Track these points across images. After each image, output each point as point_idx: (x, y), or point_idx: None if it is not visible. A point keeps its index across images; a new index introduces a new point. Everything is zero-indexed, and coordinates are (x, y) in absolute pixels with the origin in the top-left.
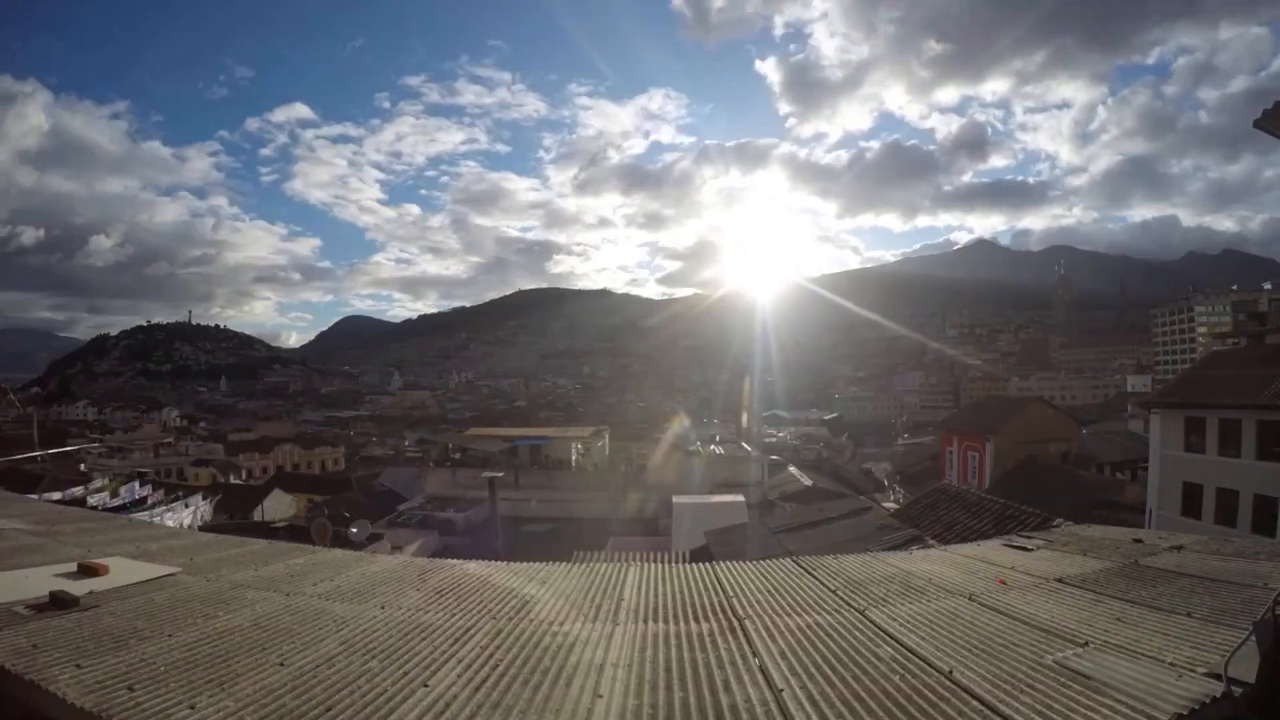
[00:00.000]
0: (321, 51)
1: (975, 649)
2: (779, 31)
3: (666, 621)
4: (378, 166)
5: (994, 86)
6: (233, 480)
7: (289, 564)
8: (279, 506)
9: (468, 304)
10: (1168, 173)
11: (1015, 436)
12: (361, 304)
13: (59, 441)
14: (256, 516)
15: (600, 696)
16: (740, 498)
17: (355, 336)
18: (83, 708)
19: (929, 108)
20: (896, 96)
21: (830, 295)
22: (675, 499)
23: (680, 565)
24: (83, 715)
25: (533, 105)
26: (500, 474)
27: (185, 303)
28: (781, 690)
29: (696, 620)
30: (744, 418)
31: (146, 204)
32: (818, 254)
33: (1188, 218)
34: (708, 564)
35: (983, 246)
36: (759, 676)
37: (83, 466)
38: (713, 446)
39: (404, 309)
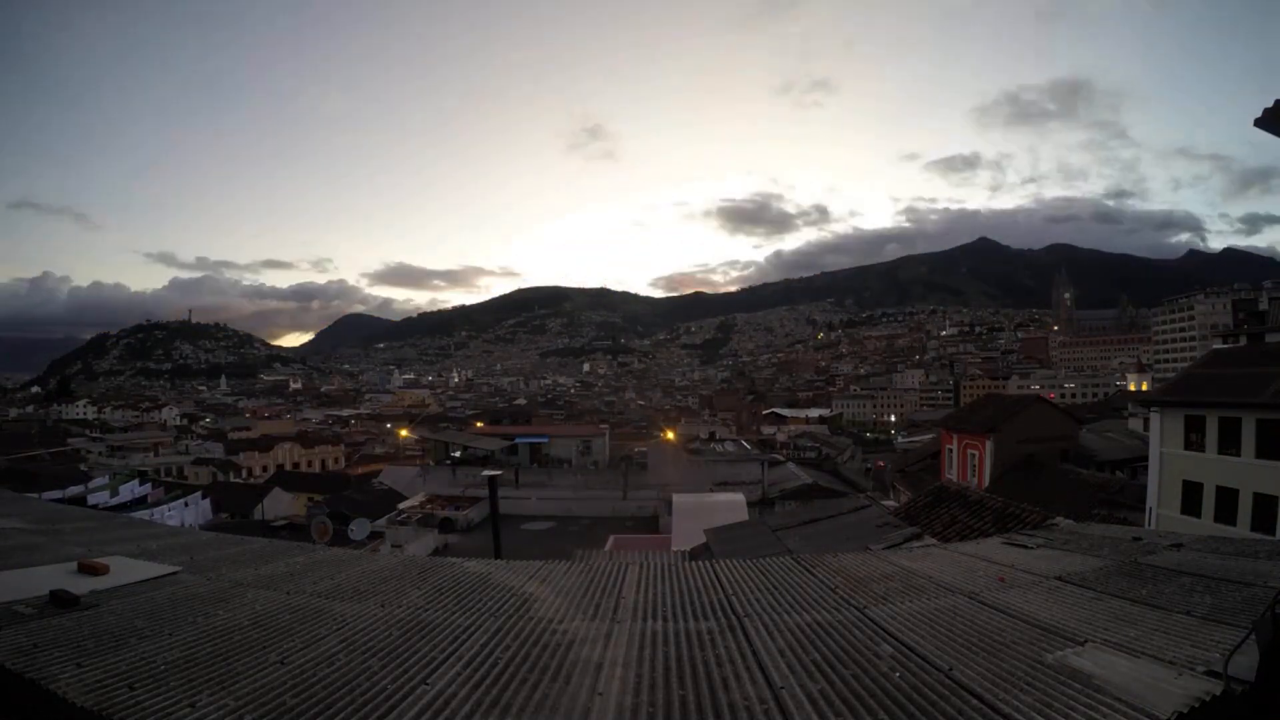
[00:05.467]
0: None
1: (975, 647)
2: None
3: (666, 619)
4: None
5: None
6: (233, 479)
7: (289, 562)
8: (279, 505)
9: (468, 302)
10: None
11: (1015, 435)
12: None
13: (59, 441)
14: (256, 515)
15: (600, 694)
16: (740, 496)
17: (355, 335)
18: (83, 707)
19: None
20: None
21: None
22: (675, 497)
23: (680, 563)
24: (83, 714)
25: None
26: (500, 472)
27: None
28: (781, 688)
29: (696, 618)
30: (745, 415)
31: None
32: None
33: None
34: (707, 562)
35: (983, 245)
36: (758, 674)
37: (83, 466)
38: (713, 445)
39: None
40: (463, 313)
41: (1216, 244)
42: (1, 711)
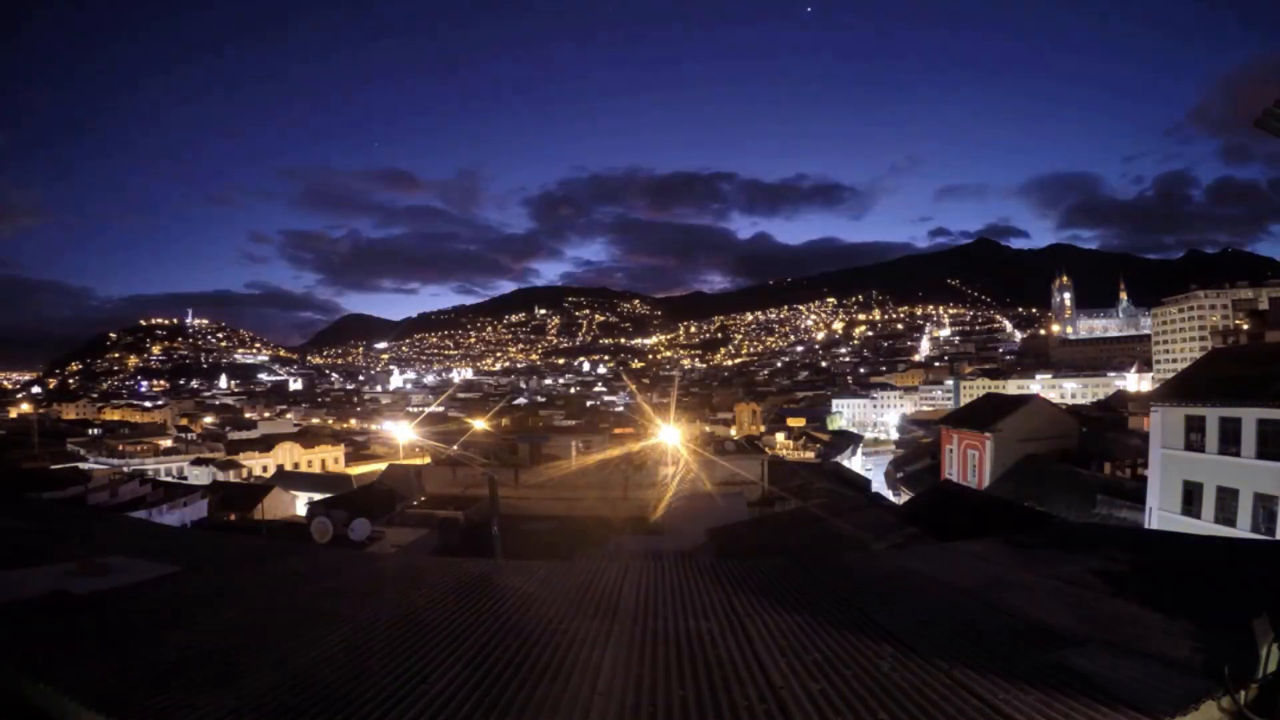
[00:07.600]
0: None
1: (975, 647)
2: None
3: (666, 619)
4: None
5: None
6: (233, 479)
7: (289, 563)
8: (279, 505)
9: (468, 301)
10: None
11: (1015, 434)
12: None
13: (58, 441)
14: (257, 515)
15: (599, 694)
16: (740, 496)
17: (356, 335)
18: (84, 706)
19: None
20: None
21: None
22: (675, 497)
23: (680, 563)
24: (83, 714)
25: None
26: (500, 473)
27: None
28: (781, 688)
29: (696, 618)
30: (745, 415)
31: None
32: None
33: None
34: (707, 562)
35: (983, 246)
36: (758, 674)
37: (82, 466)
38: (713, 445)
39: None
40: (463, 312)
41: None
42: (2, 712)
